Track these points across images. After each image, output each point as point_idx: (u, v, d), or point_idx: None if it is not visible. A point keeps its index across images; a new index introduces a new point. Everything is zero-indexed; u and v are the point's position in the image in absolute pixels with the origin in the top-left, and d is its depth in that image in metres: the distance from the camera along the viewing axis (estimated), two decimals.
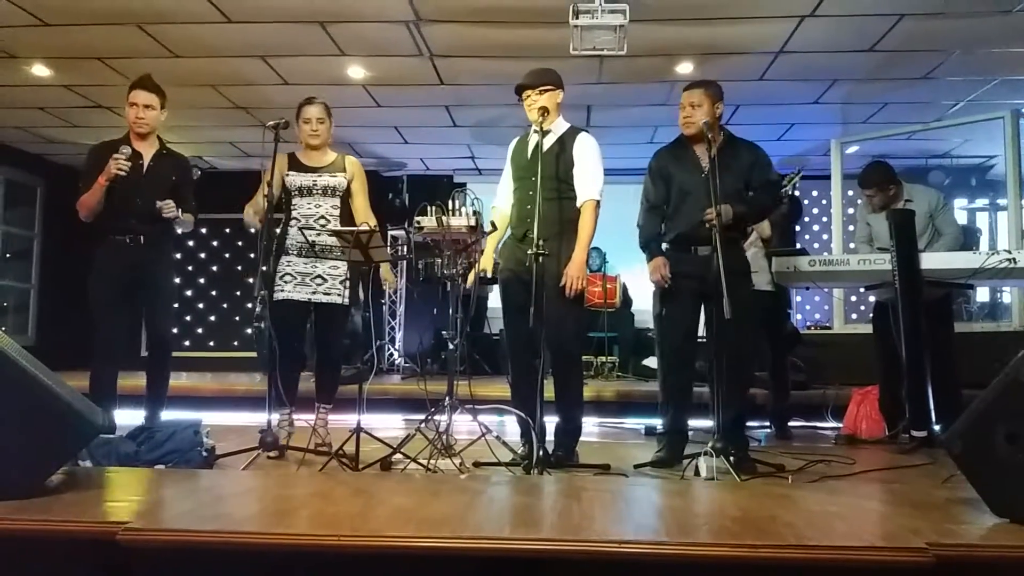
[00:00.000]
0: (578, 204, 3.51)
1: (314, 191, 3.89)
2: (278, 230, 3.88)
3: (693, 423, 3.76)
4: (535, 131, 3.51)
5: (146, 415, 3.97)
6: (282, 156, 3.91)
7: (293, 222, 3.88)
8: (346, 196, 3.98)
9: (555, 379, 3.56)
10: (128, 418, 4.02)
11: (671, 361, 3.66)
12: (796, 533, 2.00)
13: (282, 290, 3.81)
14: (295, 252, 3.84)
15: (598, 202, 3.51)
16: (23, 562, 2.06)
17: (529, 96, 3.54)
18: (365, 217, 3.94)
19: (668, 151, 3.74)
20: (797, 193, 5.27)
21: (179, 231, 4.16)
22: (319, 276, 3.85)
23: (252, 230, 3.87)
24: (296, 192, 3.89)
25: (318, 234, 3.81)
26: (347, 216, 3.96)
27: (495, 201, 3.79)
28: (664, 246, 3.63)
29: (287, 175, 3.91)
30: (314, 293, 3.84)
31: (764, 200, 3.66)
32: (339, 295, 3.87)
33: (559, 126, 3.61)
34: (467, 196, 3.69)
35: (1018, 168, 6.47)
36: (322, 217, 3.88)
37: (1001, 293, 7.65)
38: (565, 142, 3.56)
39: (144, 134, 3.94)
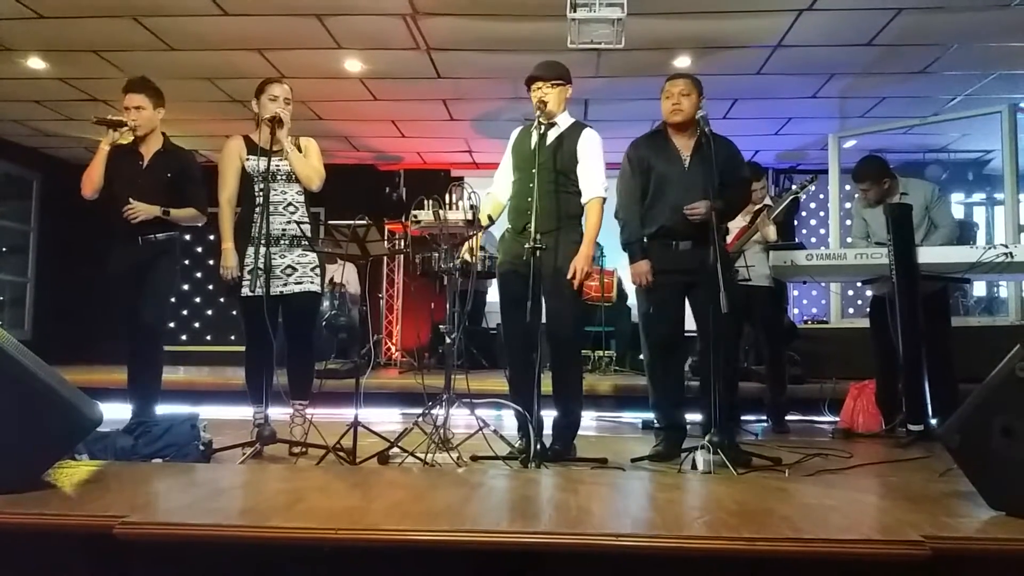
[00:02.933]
0: (584, 201, 3.50)
1: (277, 177, 3.66)
2: (239, 210, 3.72)
3: (689, 417, 3.78)
4: (541, 123, 3.51)
5: (133, 409, 3.90)
6: (237, 139, 3.76)
7: (259, 209, 3.60)
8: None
9: (554, 373, 3.57)
10: (124, 412, 4.00)
11: (660, 357, 3.67)
12: (793, 526, 2.00)
13: (249, 285, 3.58)
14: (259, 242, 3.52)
15: (604, 199, 3.51)
16: (20, 556, 2.06)
17: (540, 88, 3.53)
18: (312, 176, 3.72)
19: (647, 141, 3.74)
20: (804, 197, 5.31)
21: (184, 225, 4.12)
22: (288, 266, 3.66)
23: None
24: (259, 177, 3.62)
25: (288, 221, 3.67)
26: (312, 202, 3.81)
27: (491, 188, 3.77)
28: (645, 240, 3.63)
29: (247, 160, 3.70)
30: (285, 285, 3.64)
31: (737, 197, 3.68)
32: (311, 282, 3.70)
33: (564, 120, 3.60)
34: (464, 190, 3.69)
35: (1015, 162, 6.47)
36: (290, 204, 3.70)
37: (998, 287, 7.67)
38: (568, 136, 3.55)
39: (142, 135, 3.94)
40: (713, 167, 3.37)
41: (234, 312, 9.41)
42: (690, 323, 3.71)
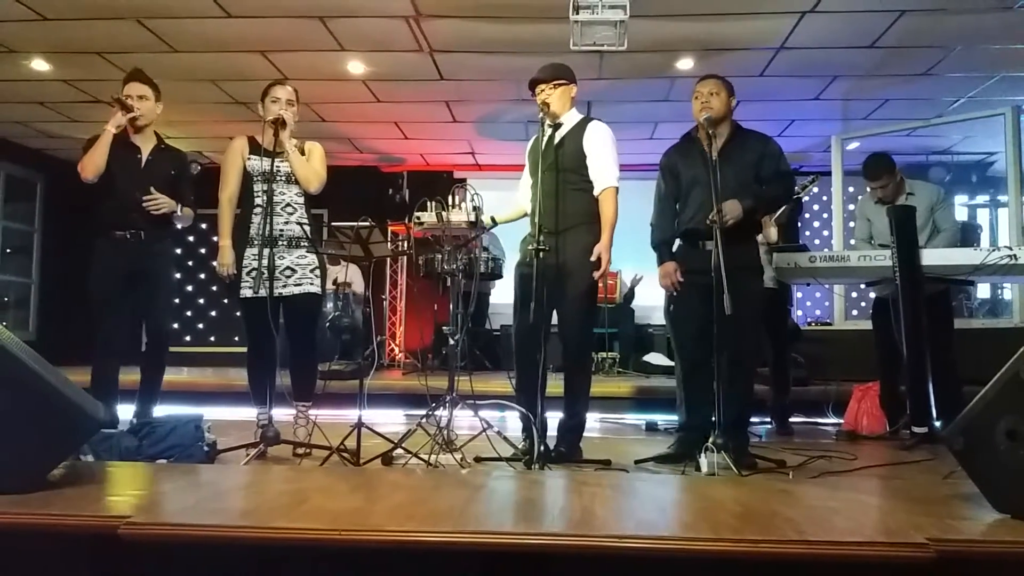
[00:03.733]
0: (596, 193, 3.50)
1: (277, 178, 3.66)
2: (239, 212, 3.73)
3: None
4: (549, 125, 3.51)
5: (136, 410, 3.92)
6: (241, 138, 3.77)
7: (257, 210, 3.64)
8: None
9: (564, 374, 3.57)
10: (131, 412, 4.00)
11: (684, 357, 3.65)
12: (797, 529, 2.00)
13: (250, 287, 3.61)
14: (260, 243, 3.56)
15: (617, 188, 3.51)
16: (24, 557, 2.06)
17: (543, 91, 3.54)
18: (311, 179, 3.72)
19: (676, 147, 3.75)
20: (807, 198, 5.32)
21: (179, 226, 4.13)
22: (288, 268, 3.67)
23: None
24: (259, 177, 3.66)
25: (286, 222, 3.68)
26: (315, 203, 3.83)
27: (516, 195, 3.83)
28: (677, 242, 3.65)
29: (248, 159, 3.71)
30: (284, 286, 3.65)
31: (775, 192, 3.60)
32: (311, 283, 3.71)
33: (571, 119, 3.60)
34: (467, 191, 3.69)
35: (1018, 165, 6.45)
36: (288, 205, 3.71)
37: (1002, 289, 7.66)
38: (573, 134, 3.55)
39: (141, 127, 3.92)
40: (713, 168, 3.35)
41: (238, 313, 9.47)
42: None
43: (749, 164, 3.51)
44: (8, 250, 8.92)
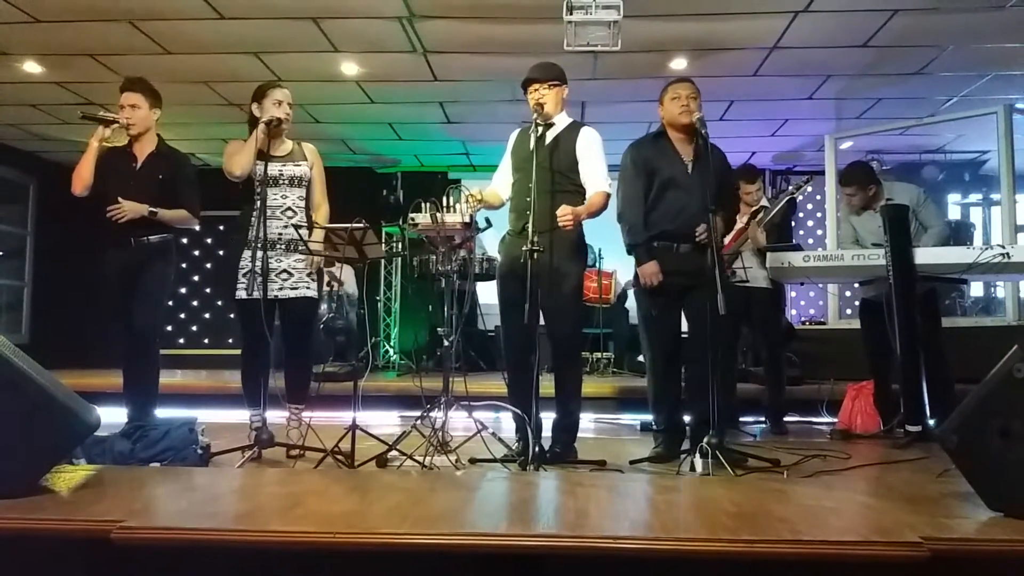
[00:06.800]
0: (589, 195, 3.50)
1: (280, 181, 3.69)
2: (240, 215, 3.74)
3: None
4: (540, 125, 3.51)
5: (129, 413, 3.89)
6: (238, 142, 3.76)
7: (256, 213, 3.62)
8: (308, 185, 3.84)
9: (555, 374, 3.57)
10: (114, 416, 3.98)
11: (662, 359, 3.68)
12: (791, 528, 2.01)
13: (245, 288, 3.64)
14: (256, 246, 3.56)
15: (609, 194, 3.53)
16: (17, 561, 2.05)
17: (537, 90, 3.54)
18: (322, 204, 3.81)
19: (650, 144, 3.75)
20: (800, 198, 5.34)
21: (194, 227, 4.15)
22: (284, 271, 3.69)
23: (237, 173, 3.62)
24: (260, 181, 3.64)
25: (285, 226, 3.68)
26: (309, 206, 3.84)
27: (489, 186, 3.75)
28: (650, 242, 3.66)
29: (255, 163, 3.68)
30: (280, 289, 3.67)
31: (732, 203, 3.89)
32: (307, 287, 3.72)
33: (562, 120, 3.61)
34: (461, 193, 3.69)
35: (1011, 163, 6.47)
36: (289, 208, 3.72)
37: (995, 288, 7.68)
38: (565, 136, 3.56)
39: (137, 135, 3.93)
40: (711, 172, 3.40)
41: (232, 316, 9.44)
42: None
43: (715, 171, 3.52)
44: (1, 253, 8.89)
